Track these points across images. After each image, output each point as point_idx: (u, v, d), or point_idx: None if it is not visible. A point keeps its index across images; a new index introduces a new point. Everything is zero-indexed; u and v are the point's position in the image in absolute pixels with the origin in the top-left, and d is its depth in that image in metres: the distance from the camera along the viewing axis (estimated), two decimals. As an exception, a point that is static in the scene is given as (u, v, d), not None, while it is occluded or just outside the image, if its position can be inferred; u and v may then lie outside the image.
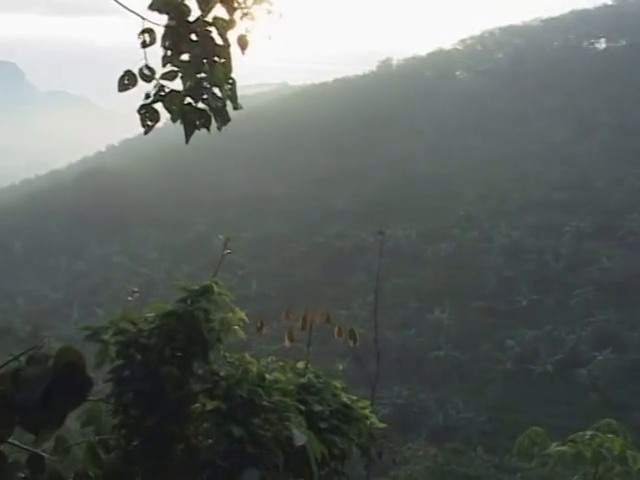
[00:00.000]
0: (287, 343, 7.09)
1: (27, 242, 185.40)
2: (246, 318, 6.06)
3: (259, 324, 6.81)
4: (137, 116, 5.95)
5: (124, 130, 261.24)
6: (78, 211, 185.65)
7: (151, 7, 5.95)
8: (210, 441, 5.67)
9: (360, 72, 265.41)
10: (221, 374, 5.87)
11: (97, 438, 5.61)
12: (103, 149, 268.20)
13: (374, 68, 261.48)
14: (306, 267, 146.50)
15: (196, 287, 6.04)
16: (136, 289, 6.72)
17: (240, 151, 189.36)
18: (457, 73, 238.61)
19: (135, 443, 5.72)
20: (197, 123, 6.15)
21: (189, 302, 5.97)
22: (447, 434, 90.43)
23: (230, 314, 6.01)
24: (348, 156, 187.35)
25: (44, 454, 4.84)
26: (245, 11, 6.13)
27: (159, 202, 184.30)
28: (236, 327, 6.01)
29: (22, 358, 4.43)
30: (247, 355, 6.02)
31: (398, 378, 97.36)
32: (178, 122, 6.15)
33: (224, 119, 6.22)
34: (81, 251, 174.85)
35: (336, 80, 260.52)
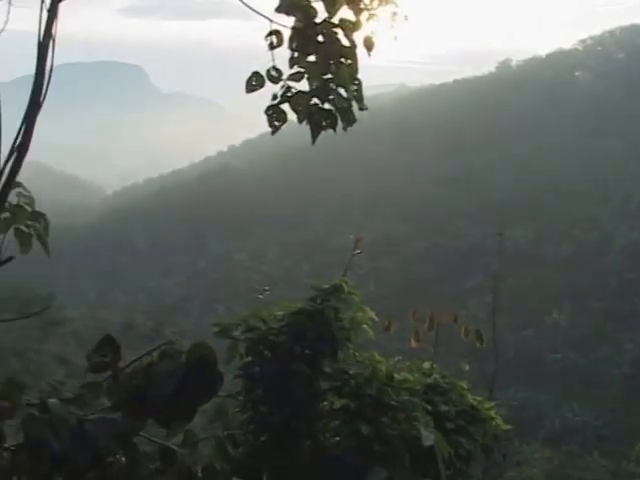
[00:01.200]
0: (413, 343, 7.08)
1: (150, 239, 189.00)
2: (375, 317, 6.08)
3: (386, 324, 6.81)
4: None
5: (245, 130, 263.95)
6: (200, 209, 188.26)
7: (278, 9, 6.01)
8: (337, 439, 5.71)
9: (479, 73, 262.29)
10: (350, 372, 5.91)
11: (225, 433, 5.70)
12: (225, 149, 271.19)
13: (493, 69, 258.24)
14: (423, 267, 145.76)
15: (326, 286, 6.09)
16: (267, 287, 6.81)
17: (360, 151, 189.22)
18: (577, 74, 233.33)
19: (263, 439, 5.80)
20: (323, 124, 6.19)
21: (319, 301, 6.04)
22: (563, 437, 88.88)
23: (360, 313, 6.04)
24: (467, 156, 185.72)
25: (175, 447, 4.93)
26: (371, 12, 6.15)
27: (280, 201, 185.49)
28: (365, 326, 6.03)
29: (155, 353, 4.52)
30: (376, 354, 6.04)
31: (515, 379, 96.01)
32: (298, 122, 6.20)
33: (350, 120, 6.24)
34: (203, 249, 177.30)
35: (456, 81, 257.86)
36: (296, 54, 6.06)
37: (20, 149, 7.01)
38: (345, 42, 6.05)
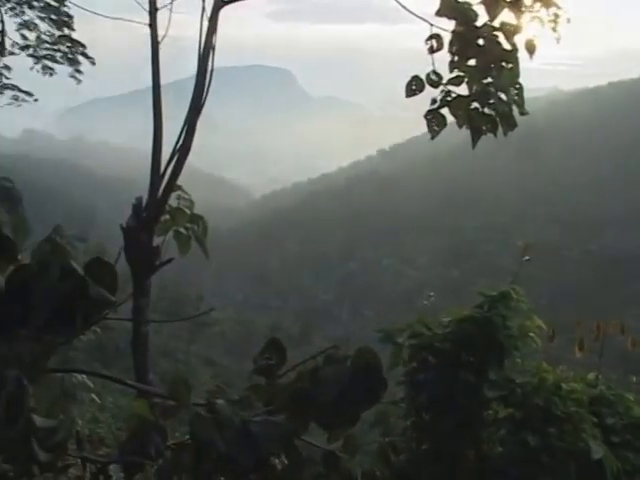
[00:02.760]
0: (577, 353, 6.91)
1: (301, 243, 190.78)
2: (544, 326, 5.96)
3: (550, 333, 6.66)
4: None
5: (394, 135, 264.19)
6: (350, 214, 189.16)
7: (438, 13, 5.99)
8: (501, 449, 5.60)
9: (635, 74, 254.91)
10: (517, 381, 5.80)
11: (387, 440, 5.68)
12: (374, 153, 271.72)
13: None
14: (578, 275, 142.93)
15: (494, 293, 6.00)
16: (432, 293, 6.79)
17: (513, 156, 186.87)
18: None
19: (425, 447, 5.74)
20: (483, 128, 6.14)
21: (486, 308, 5.95)
22: None
23: (528, 321, 5.92)
24: (625, 161, 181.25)
25: (338, 453, 4.93)
26: (533, 15, 6.06)
27: (429, 206, 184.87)
28: (532, 335, 5.90)
29: (320, 357, 4.53)
30: (544, 363, 5.91)
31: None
32: (458, 127, 6.16)
33: (511, 124, 6.18)
34: (352, 253, 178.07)
35: (610, 83, 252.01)
36: (456, 58, 6.02)
37: (182, 151, 7.18)
38: (506, 45, 5.99)
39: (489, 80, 6.05)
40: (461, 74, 6.04)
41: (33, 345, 3.74)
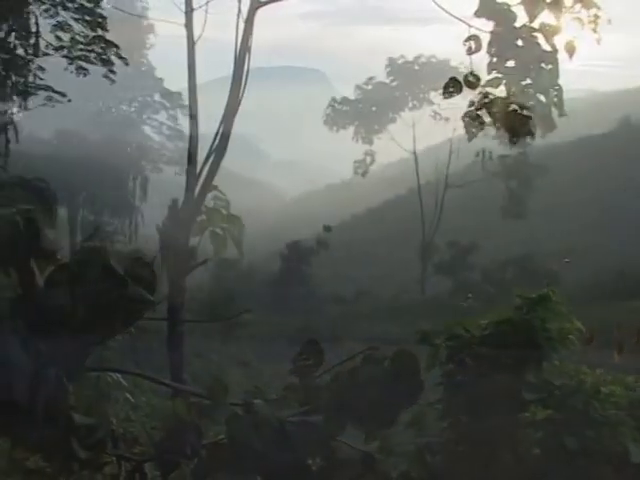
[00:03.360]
0: (616, 357, 6.84)
1: (330, 245, 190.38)
2: (583, 329, 5.88)
3: (588, 336, 6.58)
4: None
5: (429, 137, 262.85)
6: (376, 216, 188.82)
7: (477, 14, 5.97)
8: (538, 451, 5.53)
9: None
10: (555, 384, 5.71)
11: (424, 441, 5.62)
12: (407, 155, 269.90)
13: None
14: (601, 277, 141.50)
15: (533, 295, 5.90)
16: (470, 295, 6.78)
17: (546, 160, 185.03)
18: None
19: (462, 448, 5.68)
20: (521, 130, 6.09)
21: (525, 310, 5.85)
22: None
23: (567, 324, 5.83)
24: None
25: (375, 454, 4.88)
26: (574, 16, 6.03)
27: (454, 207, 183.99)
28: (571, 337, 5.82)
29: (358, 358, 4.49)
30: (584, 366, 5.83)
31: None
32: (496, 129, 6.13)
33: (549, 126, 6.14)
34: (377, 255, 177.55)
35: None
36: (494, 59, 6.00)
37: (218, 152, 7.20)
38: (545, 46, 5.96)
39: (528, 82, 6.02)
40: (499, 76, 6.00)
41: (72, 344, 3.73)
